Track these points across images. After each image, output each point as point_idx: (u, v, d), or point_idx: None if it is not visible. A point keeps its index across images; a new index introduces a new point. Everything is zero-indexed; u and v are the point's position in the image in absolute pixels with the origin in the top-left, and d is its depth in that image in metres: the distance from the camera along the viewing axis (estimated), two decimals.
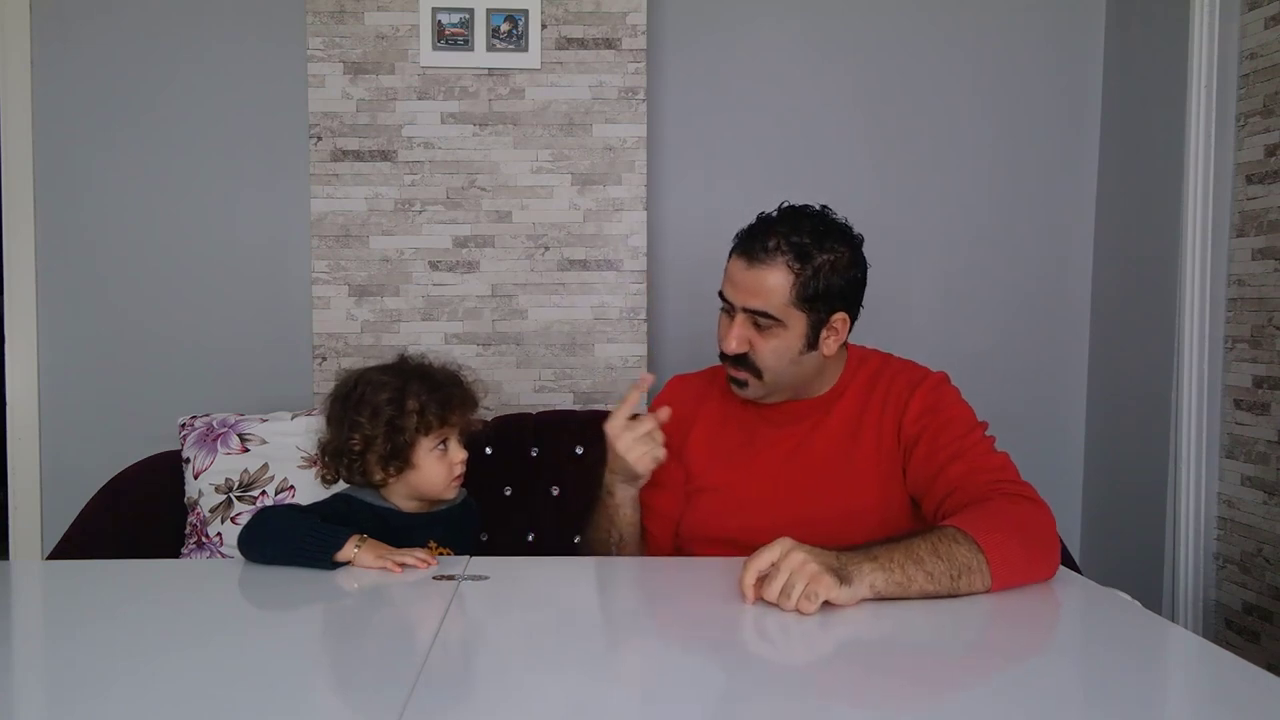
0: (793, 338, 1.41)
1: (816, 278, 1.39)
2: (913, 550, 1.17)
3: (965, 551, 1.18)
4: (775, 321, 1.40)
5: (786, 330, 1.40)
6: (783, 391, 1.48)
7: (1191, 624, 2.18)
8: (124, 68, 2.40)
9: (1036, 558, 1.25)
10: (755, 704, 0.89)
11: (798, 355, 1.43)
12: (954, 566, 1.17)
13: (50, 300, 2.41)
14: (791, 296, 1.39)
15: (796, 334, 1.41)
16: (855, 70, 2.50)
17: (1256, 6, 2.07)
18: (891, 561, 1.16)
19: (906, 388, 1.48)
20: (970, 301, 2.55)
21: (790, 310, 1.39)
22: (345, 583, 1.27)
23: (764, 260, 1.39)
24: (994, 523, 1.23)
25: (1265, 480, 2.04)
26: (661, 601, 1.22)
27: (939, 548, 1.18)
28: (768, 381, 1.45)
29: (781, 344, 1.41)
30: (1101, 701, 0.90)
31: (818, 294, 1.39)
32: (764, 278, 1.39)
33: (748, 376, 1.45)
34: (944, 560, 1.17)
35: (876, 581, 1.14)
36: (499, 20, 2.25)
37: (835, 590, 1.10)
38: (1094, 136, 2.55)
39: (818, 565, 1.11)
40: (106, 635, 1.06)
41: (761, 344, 1.42)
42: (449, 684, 0.93)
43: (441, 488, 1.50)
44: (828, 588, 1.10)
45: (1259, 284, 2.06)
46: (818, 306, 1.40)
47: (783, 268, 1.38)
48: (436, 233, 2.30)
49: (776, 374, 1.44)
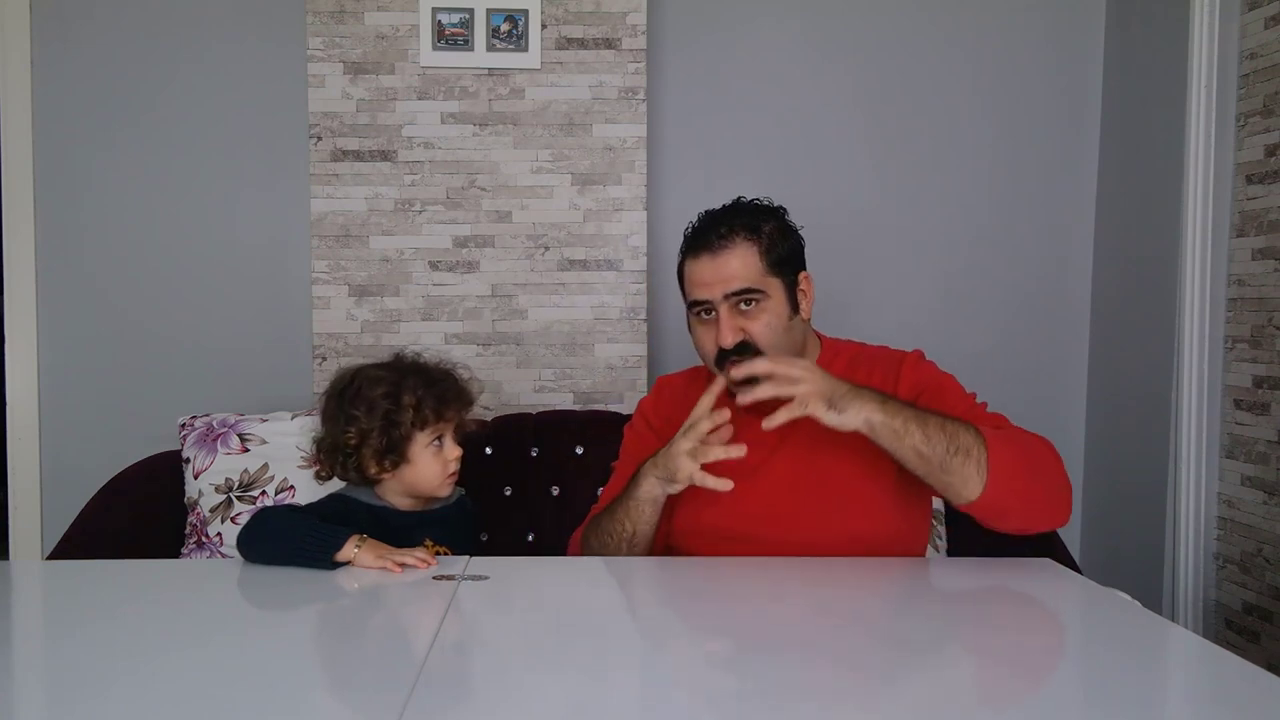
0: (778, 305, 1.44)
1: (774, 242, 1.45)
2: (922, 414, 1.27)
3: (970, 439, 1.26)
4: (759, 294, 1.42)
5: (770, 299, 1.43)
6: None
7: (1191, 624, 2.18)
8: (124, 68, 2.40)
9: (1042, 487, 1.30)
10: (755, 704, 0.89)
11: (788, 322, 1.45)
12: (953, 443, 1.25)
13: (50, 300, 2.41)
14: (764, 265, 1.43)
15: (780, 300, 1.44)
16: (855, 70, 2.50)
17: (1256, 6, 2.07)
18: (898, 411, 1.25)
19: (891, 366, 1.50)
20: (970, 301, 2.55)
21: (767, 278, 1.43)
22: (345, 583, 1.27)
23: (725, 245, 1.43)
24: (1009, 437, 1.30)
25: (1265, 480, 2.04)
26: (661, 601, 1.22)
27: (947, 425, 1.27)
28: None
29: (771, 316, 1.43)
30: (1101, 701, 0.90)
31: (782, 257, 1.45)
32: (731, 259, 1.43)
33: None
34: (947, 436, 1.25)
35: (873, 417, 1.24)
36: (499, 20, 2.25)
37: (824, 413, 1.23)
38: (1094, 136, 2.55)
39: (816, 387, 1.24)
40: (106, 635, 1.06)
41: (753, 325, 1.43)
42: (449, 684, 0.93)
43: (436, 484, 1.51)
44: (816, 408, 1.23)
45: (1259, 284, 2.06)
46: (785, 270, 1.45)
47: (745, 242, 1.44)
48: (436, 233, 2.30)
49: (777, 350, 1.44)
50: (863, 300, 2.51)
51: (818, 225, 2.47)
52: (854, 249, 2.51)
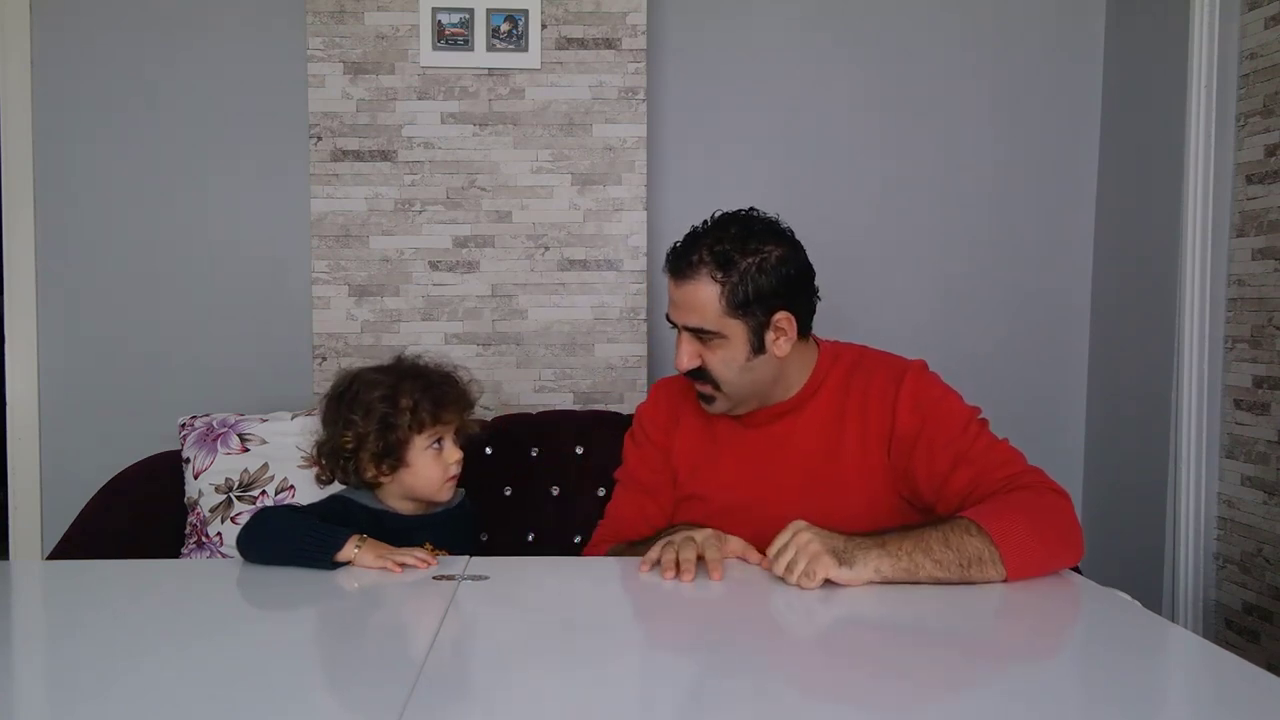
0: (736, 346, 1.40)
1: (744, 283, 1.37)
2: (923, 539, 1.22)
3: (976, 543, 1.22)
4: (714, 334, 1.39)
5: (728, 340, 1.39)
6: (748, 401, 1.47)
7: (1191, 624, 2.18)
8: (124, 68, 2.40)
9: (1054, 547, 1.28)
10: (755, 704, 0.89)
11: (746, 362, 1.41)
12: (963, 556, 1.21)
13: (50, 300, 2.41)
14: (722, 307, 1.37)
15: (739, 342, 1.40)
16: (855, 70, 2.50)
17: (1256, 6, 2.07)
18: (900, 549, 1.21)
19: (890, 382, 1.46)
20: (970, 300, 2.55)
21: (725, 320, 1.38)
22: (345, 583, 1.27)
23: (690, 276, 1.38)
24: (1008, 514, 1.26)
25: (1265, 480, 2.04)
26: (662, 602, 1.22)
27: (950, 538, 1.22)
28: (727, 393, 1.44)
29: (727, 354, 1.40)
30: (1101, 701, 0.90)
31: (749, 299, 1.37)
32: (693, 294, 1.39)
33: (711, 390, 1.45)
34: (954, 550, 1.21)
35: (883, 567, 1.20)
36: (499, 20, 2.25)
37: (835, 570, 1.18)
38: (1094, 136, 2.55)
39: (820, 546, 1.19)
40: (106, 635, 1.06)
41: (710, 356, 1.41)
42: (449, 684, 0.93)
43: (436, 488, 1.50)
44: (826, 567, 1.18)
45: (1259, 284, 2.06)
46: (753, 311, 1.38)
47: (707, 280, 1.37)
48: (436, 233, 2.30)
49: (732, 384, 1.43)
50: (863, 299, 2.50)
51: (817, 226, 2.48)
52: (854, 248, 2.51)
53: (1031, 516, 1.27)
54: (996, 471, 1.36)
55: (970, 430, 1.41)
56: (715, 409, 1.48)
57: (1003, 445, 1.41)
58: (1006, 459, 1.39)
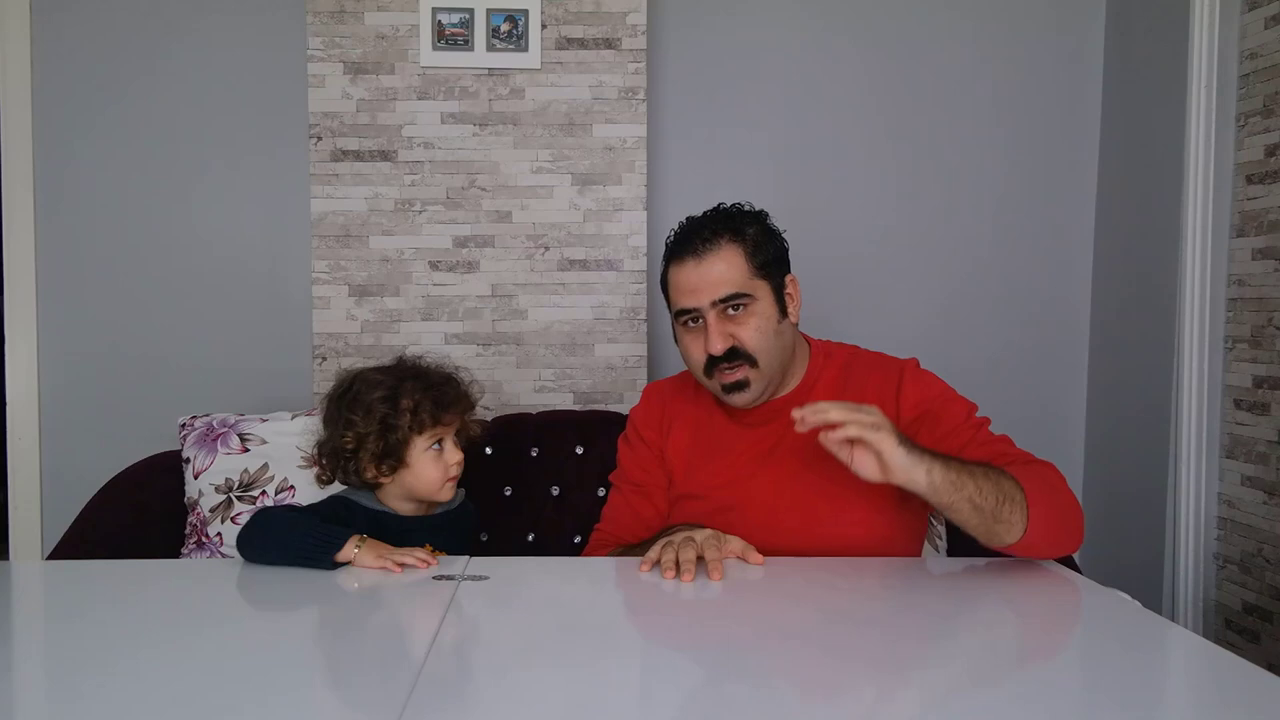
0: (767, 308, 1.43)
1: (759, 245, 1.44)
2: (968, 466, 1.24)
3: (1011, 485, 1.25)
4: (747, 298, 1.42)
5: (759, 302, 1.43)
6: (774, 379, 1.48)
7: (1191, 624, 2.18)
8: (124, 68, 2.40)
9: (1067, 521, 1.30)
10: (755, 704, 0.89)
11: (777, 326, 1.44)
12: (1001, 492, 1.23)
13: (50, 300, 2.41)
14: (750, 267, 1.43)
15: (768, 303, 1.44)
16: (855, 71, 2.50)
17: (1256, 6, 2.07)
18: (950, 464, 1.23)
19: (889, 379, 1.47)
20: (970, 300, 2.55)
21: (754, 281, 1.43)
22: (345, 583, 1.27)
23: (710, 250, 1.42)
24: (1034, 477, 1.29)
25: (1265, 480, 2.04)
26: (661, 601, 1.22)
27: (990, 473, 1.25)
28: (763, 366, 1.44)
29: (760, 320, 1.42)
30: (1101, 701, 0.90)
31: (768, 260, 1.44)
32: (718, 264, 1.42)
33: (745, 371, 1.43)
34: (993, 483, 1.24)
35: (934, 470, 1.21)
36: (499, 20, 2.25)
37: (893, 449, 1.19)
38: (1094, 136, 2.55)
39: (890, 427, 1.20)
40: (106, 635, 1.06)
41: (742, 330, 1.42)
42: (448, 684, 0.93)
43: (436, 489, 1.50)
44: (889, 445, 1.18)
45: (1259, 284, 2.06)
46: (771, 271, 1.45)
47: (730, 246, 1.43)
48: (436, 233, 2.30)
49: (768, 353, 1.44)
50: (863, 298, 2.51)
51: (817, 226, 2.49)
52: (854, 248, 2.51)
53: (1052, 489, 1.30)
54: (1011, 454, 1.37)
55: (973, 421, 1.43)
56: (748, 395, 1.45)
57: (1006, 438, 1.42)
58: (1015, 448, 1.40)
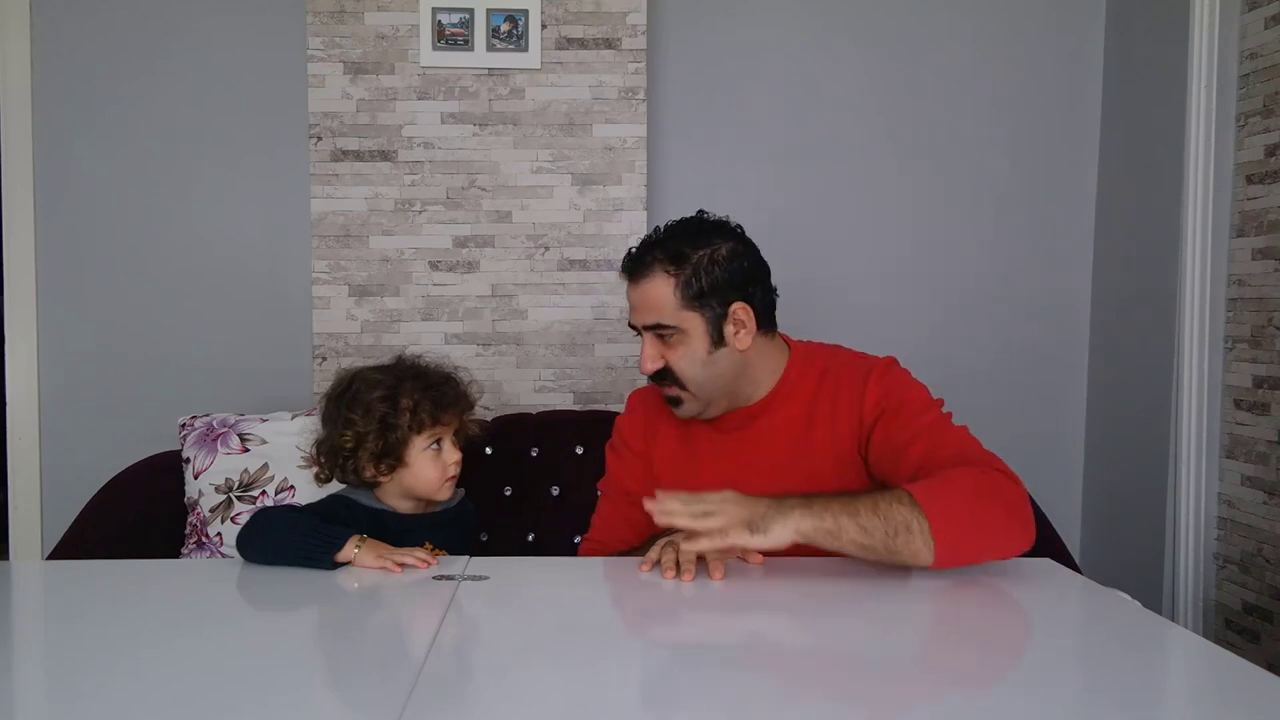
0: (696, 340, 1.41)
1: (697, 275, 1.40)
2: (851, 504, 1.20)
3: (905, 511, 1.19)
4: (673, 329, 1.41)
5: (687, 334, 1.41)
6: (717, 401, 1.47)
7: (1191, 624, 2.18)
8: (124, 68, 2.40)
9: (992, 526, 1.23)
10: (755, 704, 0.89)
11: (707, 356, 1.42)
12: (890, 524, 1.18)
13: (50, 300, 2.41)
14: (677, 300, 1.40)
15: (698, 335, 1.41)
16: (855, 71, 2.50)
17: (1256, 6, 2.07)
18: (826, 510, 1.19)
19: (858, 379, 1.46)
20: (970, 301, 2.55)
21: (682, 314, 1.41)
22: (345, 583, 1.27)
23: (644, 274, 1.42)
24: (944, 488, 1.23)
25: (1265, 480, 2.04)
26: (662, 602, 1.22)
27: (879, 505, 1.20)
28: (695, 391, 1.44)
29: (688, 350, 1.42)
30: (1101, 701, 0.90)
31: (703, 290, 1.40)
32: (649, 291, 1.41)
33: (677, 391, 1.45)
34: (880, 518, 1.18)
35: (803, 525, 1.18)
36: (499, 20, 2.25)
37: (748, 540, 1.18)
38: (1094, 136, 2.55)
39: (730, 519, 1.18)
40: (106, 635, 1.06)
41: (672, 355, 1.42)
42: (448, 684, 0.93)
43: (434, 488, 1.50)
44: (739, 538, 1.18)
45: (1259, 284, 2.06)
46: (709, 302, 1.41)
47: (660, 275, 1.41)
48: (436, 233, 2.30)
49: (697, 382, 1.43)
50: (862, 298, 2.50)
51: (816, 226, 2.49)
52: (853, 248, 2.51)
53: (969, 494, 1.23)
54: (948, 450, 1.34)
55: (929, 414, 1.41)
56: (684, 412, 1.48)
57: (960, 430, 1.40)
58: (960, 439, 1.37)
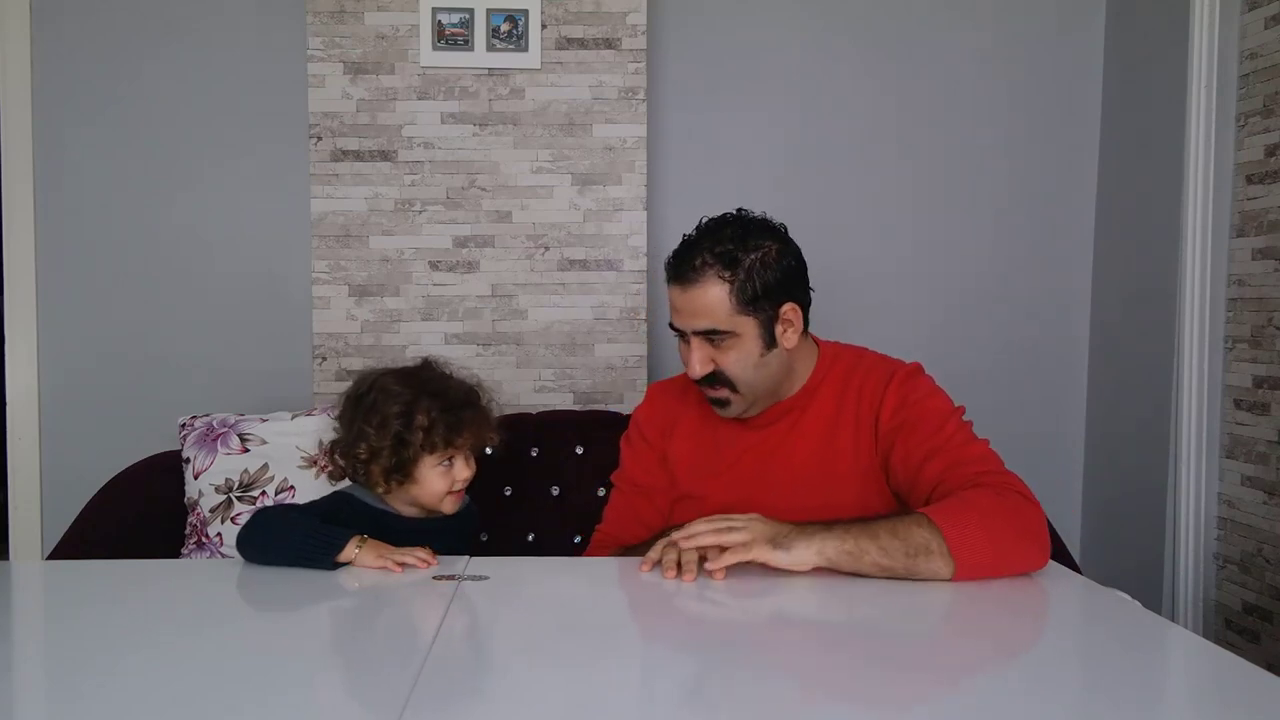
0: (750, 343, 1.41)
1: (751, 279, 1.38)
2: (871, 527, 1.23)
3: (924, 534, 1.22)
4: (727, 334, 1.40)
5: (741, 339, 1.40)
6: (762, 399, 1.47)
7: (1191, 624, 2.18)
8: (124, 68, 2.40)
9: (1011, 547, 1.25)
10: (756, 703, 0.89)
11: (760, 358, 1.42)
12: (909, 546, 1.21)
13: (50, 300, 2.41)
14: (733, 305, 1.38)
15: (752, 338, 1.41)
16: (855, 71, 2.50)
17: (1256, 6, 2.07)
18: (846, 534, 1.22)
19: (880, 383, 1.47)
20: (970, 300, 2.55)
21: (736, 318, 1.39)
22: (346, 582, 1.27)
23: (695, 280, 1.39)
24: (962, 510, 1.25)
25: (1265, 480, 2.04)
26: (661, 601, 1.22)
27: (898, 528, 1.23)
28: (744, 393, 1.44)
29: (741, 353, 1.41)
30: (1101, 701, 0.90)
31: (757, 294, 1.39)
32: (701, 296, 1.39)
33: (726, 393, 1.44)
34: (900, 540, 1.21)
35: (826, 549, 1.21)
36: (499, 20, 2.25)
37: (769, 554, 1.20)
38: (1094, 136, 2.55)
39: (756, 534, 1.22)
40: (106, 635, 1.06)
41: (723, 358, 1.41)
42: (449, 683, 0.93)
43: (437, 501, 1.49)
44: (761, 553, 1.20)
45: (1259, 284, 2.06)
46: (762, 305, 1.40)
47: (715, 280, 1.38)
48: (436, 233, 2.30)
49: (749, 383, 1.43)
50: (863, 298, 2.50)
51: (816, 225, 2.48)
52: (853, 248, 2.51)
53: (988, 515, 1.25)
54: (967, 467, 1.35)
55: (948, 426, 1.41)
56: (730, 412, 1.47)
57: (980, 444, 1.40)
58: (981, 456, 1.38)
